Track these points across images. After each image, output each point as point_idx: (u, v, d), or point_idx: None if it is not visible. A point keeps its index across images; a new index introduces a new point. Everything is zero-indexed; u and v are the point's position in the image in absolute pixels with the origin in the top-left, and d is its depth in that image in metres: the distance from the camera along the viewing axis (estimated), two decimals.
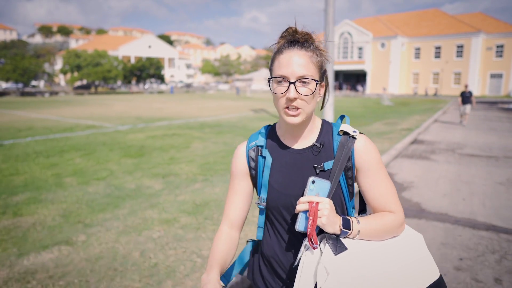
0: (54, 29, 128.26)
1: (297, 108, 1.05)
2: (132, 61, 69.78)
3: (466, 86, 14.20)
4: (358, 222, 1.04)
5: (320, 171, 1.11)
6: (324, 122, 1.19)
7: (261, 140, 1.21)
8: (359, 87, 56.57)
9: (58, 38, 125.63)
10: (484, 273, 3.07)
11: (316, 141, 1.14)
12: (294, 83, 1.03)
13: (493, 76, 50.11)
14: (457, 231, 4.00)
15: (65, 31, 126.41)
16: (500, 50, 49.31)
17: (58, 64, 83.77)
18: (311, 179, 1.02)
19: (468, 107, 13.95)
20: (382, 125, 13.57)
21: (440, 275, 1.05)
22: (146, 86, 62.81)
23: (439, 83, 52.68)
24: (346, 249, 0.99)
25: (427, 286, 1.00)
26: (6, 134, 11.15)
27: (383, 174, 1.13)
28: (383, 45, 54.45)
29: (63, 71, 55.70)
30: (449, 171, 6.86)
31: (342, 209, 1.14)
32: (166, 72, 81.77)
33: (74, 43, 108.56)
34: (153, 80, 60.97)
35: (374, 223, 1.06)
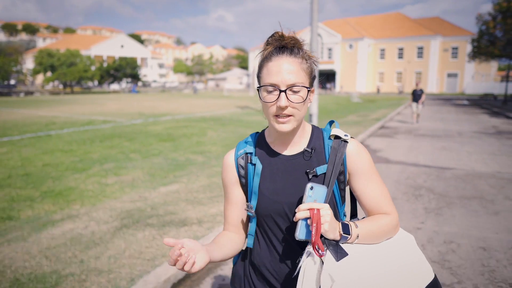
0: (19, 27, 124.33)
1: (288, 116, 1.03)
2: (105, 60, 69.80)
3: (417, 84, 13.85)
4: (356, 226, 1.03)
5: (313, 176, 1.10)
6: (314, 127, 1.18)
7: (250, 148, 1.19)
8: (328, 85, 59.86)
9: (23, 36, 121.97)
10: (419, 181, 5.95)
11: (307, 147, 1.13)
12: (285, 91, 1.00)
13: (449, 75, 54.69)
14: (407, 168, 6.92)
15: (30, 29, 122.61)
16: (455, 52, 53.98)
17: (27, 64, 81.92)
18: (309, 185, 0.98)
19: (420, 106, 13.67)
20: (355, 117, 16.36)
21: (435, 275, 1.06)
22: (124, 86, 63.50)
23: (402, 82, 56.91)
24: (347, 254, 0.98)
25: (424, 286, 1.02)
26: (41, 128, 12.33)
27: (376, 177, 1.13)
28: (351, 46, 58.00)
29: (36, 71, 54.97)
30: (406, 143, 9.82)
31: (334, 214, 1.13)
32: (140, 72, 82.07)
33: (42, 42, 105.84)
34: (129, 80, 61.67)
35: (371, 226, 1.06)
